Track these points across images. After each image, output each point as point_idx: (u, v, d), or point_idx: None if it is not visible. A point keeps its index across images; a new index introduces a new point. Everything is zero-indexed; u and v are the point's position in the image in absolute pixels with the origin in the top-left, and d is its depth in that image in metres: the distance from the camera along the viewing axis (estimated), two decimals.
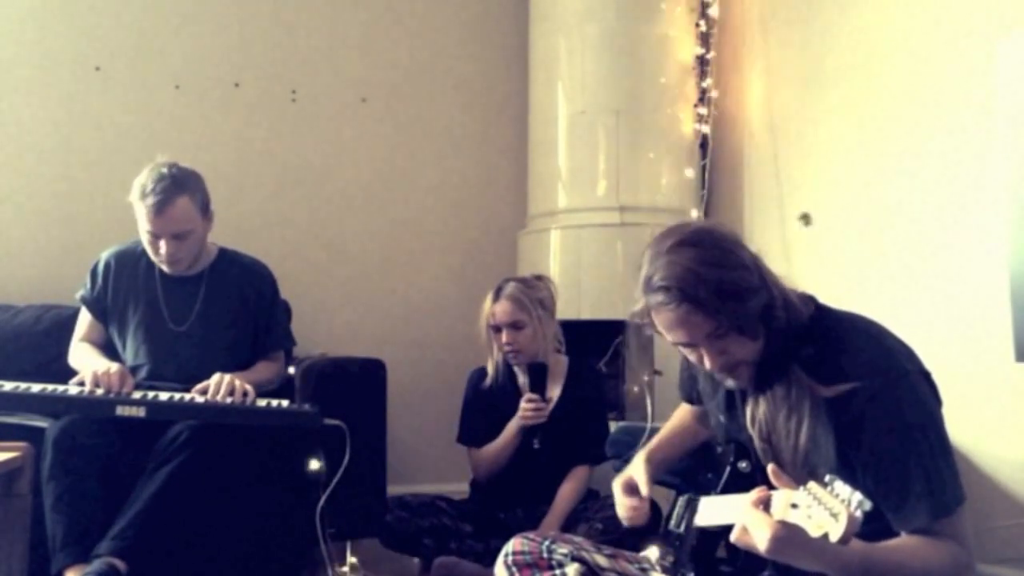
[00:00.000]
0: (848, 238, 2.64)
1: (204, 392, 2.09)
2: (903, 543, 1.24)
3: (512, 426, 2.31)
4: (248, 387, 2.11)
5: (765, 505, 1.11)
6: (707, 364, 1.33)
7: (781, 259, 2.90)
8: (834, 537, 0.99)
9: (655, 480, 1.58)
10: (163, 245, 2.23)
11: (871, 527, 1.25)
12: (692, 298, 1.25)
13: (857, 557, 1.15)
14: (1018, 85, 1.85)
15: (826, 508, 1.01)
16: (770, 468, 1.16)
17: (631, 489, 1.56)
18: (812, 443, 1.27)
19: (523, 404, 2.28)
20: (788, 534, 1.08)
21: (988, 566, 2.11)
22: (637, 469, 1.57)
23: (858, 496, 1.00)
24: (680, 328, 1.29)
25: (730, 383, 1.38)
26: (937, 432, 1.27)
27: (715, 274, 1.25)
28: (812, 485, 1.06)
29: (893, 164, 2.49)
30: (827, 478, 1.05)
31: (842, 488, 1.02)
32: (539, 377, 2.31)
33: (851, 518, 0.98)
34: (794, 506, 1.06)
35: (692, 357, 1.36)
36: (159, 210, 2.18)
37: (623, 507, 1.56)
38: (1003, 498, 2.11)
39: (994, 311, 2.07)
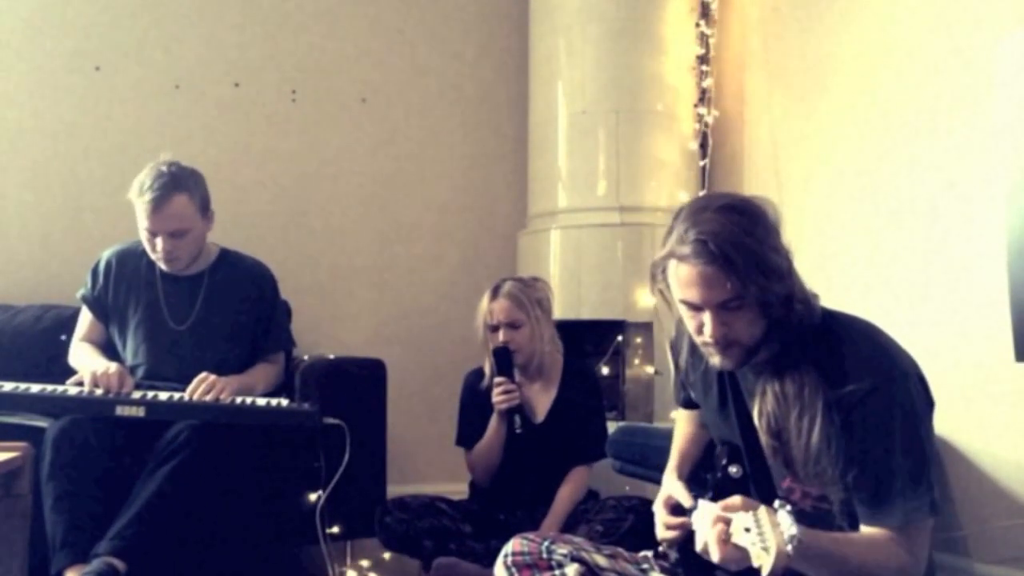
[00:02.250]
0: (848, 238, 2.64)
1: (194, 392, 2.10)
2: (851, 537, 1.26)
3: (494, 417, 2.31)
4: (225, 391, 2.10)
5: (726, 524, 1.12)
6: (706, 331, 1.30)
7: None
8: (765, 571, 1.01)
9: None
10: (160, 242, 2.23)
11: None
12: (727, 259, 1.23)
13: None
14: (1018, 85, 1.84)
15: (763, 540, 1.03)
16: (721, 504, 1.15)
17: (674, 509, 1.50)
18: (825, 443, 1.27)
19: (493, 390, 2.28)
20: (738, 557, 1.09)
21: (988, 566, 2.11)
22: (675, 489, 1.51)
23: (793, 530, 1.01)
24: (701, 287, 1.27)
25: (716, 360, 1.35)
26: (927, 437, 1.28)
27: (756, 246, 1.25)
28: (761, 511, 1.08)
29: (893, 164, 2.48)
30: (776, 503, 1.07)
31: (784, 518, 1.04)
32: (505, 360, 2.30)
33: (779, 554, 1.00)
34: (747, 530, 1.07)
35: (691, 323, 1.34)
36: (156, 207, 2.18)
37: (665, 526, 1.47)
38: (1003, 498, 2.11)
39: (994, 311, 2.07)
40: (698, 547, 1.18)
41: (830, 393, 1.27)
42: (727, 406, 1.46)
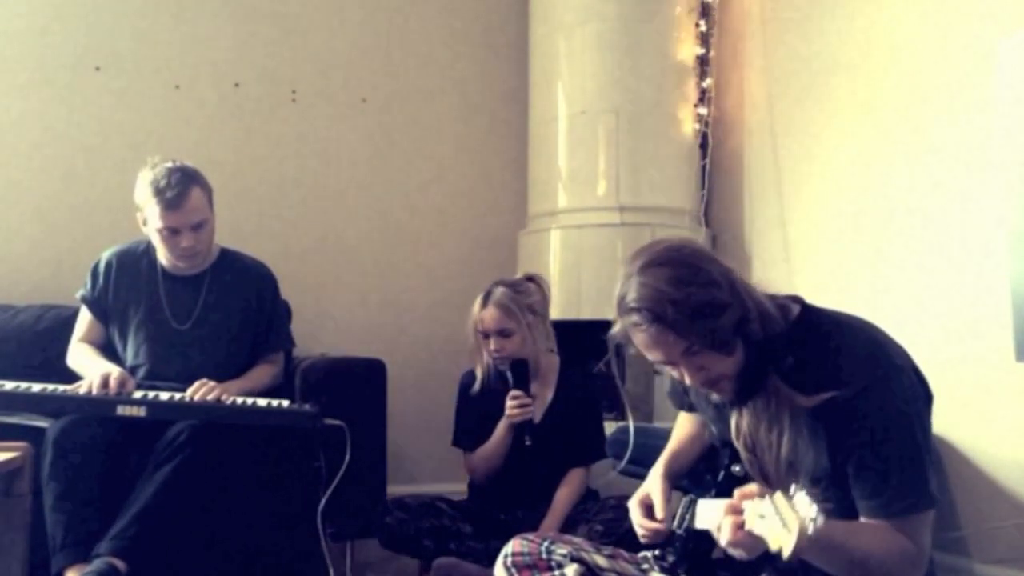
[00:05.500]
0: (848, 238, 2.64)
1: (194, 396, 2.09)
2: (853, 523, 1.27)
3: (502, 426, 2.30)
4: (225, 396, 2.10)
5: (738, 513, 1.13)
6: (687, 380, 1.34)
7: (781, 259, 2.90)
8: (786, 552, 1.02)
9: (671, 488, 1.56)
10: (184, 239, 2.23)
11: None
12: (661, 318, 1.26)
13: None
14: (1018, 85, 1.85)
15: (783, 522, 1.04)
16: (738, 492, 1.17)
17: (648, 509, 1.52)
18: (794, 454, 1.29)
19: (508, 402, 2.27)
20: (752, 544, 1.11)
21: (988, 566, 2.11)
22: (654, 487, 1.53)
23: (813, 511, 1.03)
24: (655, 348, 1.31)
25: (714, 397, 1.41)
26: (923, 430, 1.29)
27: (683, 293, 1.26)
28: (777, 496, 1.08)
29: (893, 164, 2.48)
30: (791, 489, 1.08)
31: (801, 501, 1.05)
32: (522, 373, 2.29)
33: (801, 534, 1.01)
34: (762, 517, 1.08)
35: (674, 374, 1.38)
36: (178, 203, 2.19)
37: (640, 528, 1.50)
38: (1003, 498, 2.11)
39: (994, 311, 2.07)
40: (713, 530, 1.18)
41: (803, 401, 1.28)
42: (723, 410, 1.48)
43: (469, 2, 3.53)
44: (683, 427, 1.71)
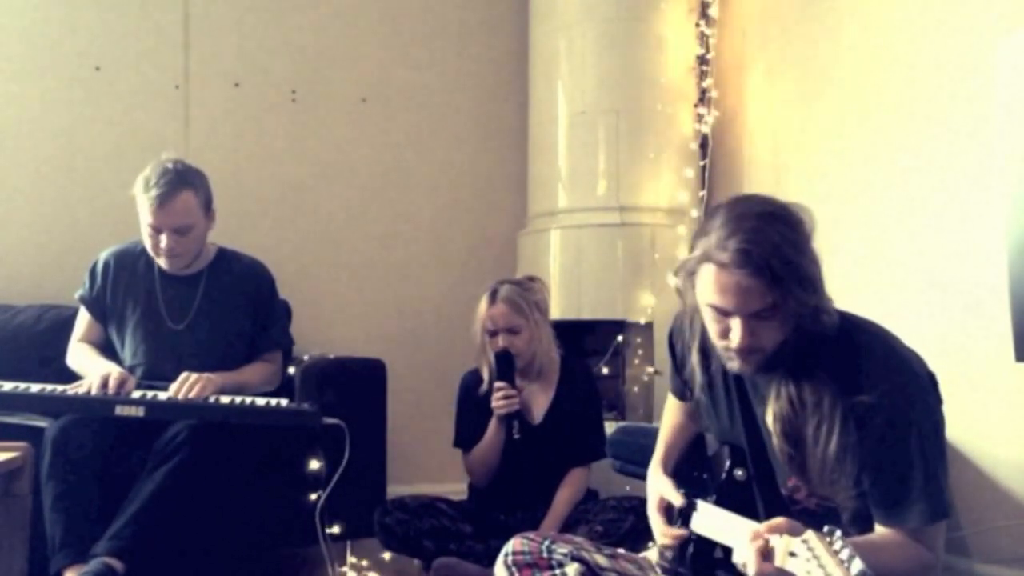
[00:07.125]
0: (848, 238, 2.64)
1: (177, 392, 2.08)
2: (871, 538, 1.26)
3: (492, 422, 2.30)
4: (209, 388, 2.08)
5: (764, 544, 1.10)
6: (733, 338, 1.28)
7: None
8: None
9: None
10: (163, 239, 2.23)
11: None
12: (771, 271, 1.21)
13: None
14: (1018, 85, 1.85)
15: (824, 571, 0.98)
16: (765, 525, 1.13)
17: (667, 512, 1.50)
18: (841, 454, 1.26)
19: (493, 395, 2.27)
20: None
21: (988, 566, 2.11)
22: (664, 488, 1.51)
23: (859, 565, 0.95)
24: (737, 295, 1.24)
25: (734, 365, 1.33)
26: (940, 439, 1.29)
27: (798, 257, 1.24)
28: (811, 536, 1.04)
29: (893, 164, 2.48)
30: (826, 528, 1.03)
31: (845, 553, 0.98)
32: (506, 365, 2.29)
33: None
34: (792, 555, 1.04)
35: (715, 326, 1.31)
36: (161, 203, 2.18)
37: (666, 536, 1.47)
38: (1003, 498, 2.11)
39: (994, 311, 2.07)
40: (737, 563, 1.17)
41: (846, 401, 1.27)
42: (732, 406, 1.46)
43: (469, 2, 3.53)
44: (671, 417, 1.69)
